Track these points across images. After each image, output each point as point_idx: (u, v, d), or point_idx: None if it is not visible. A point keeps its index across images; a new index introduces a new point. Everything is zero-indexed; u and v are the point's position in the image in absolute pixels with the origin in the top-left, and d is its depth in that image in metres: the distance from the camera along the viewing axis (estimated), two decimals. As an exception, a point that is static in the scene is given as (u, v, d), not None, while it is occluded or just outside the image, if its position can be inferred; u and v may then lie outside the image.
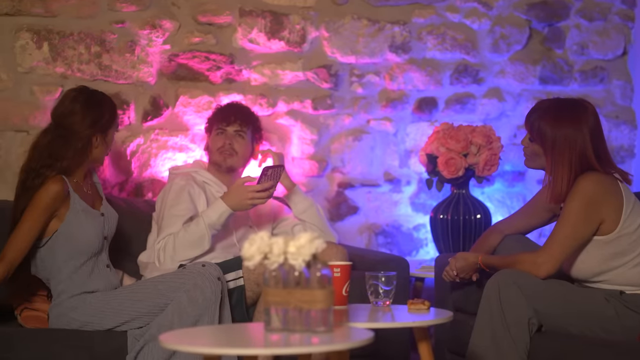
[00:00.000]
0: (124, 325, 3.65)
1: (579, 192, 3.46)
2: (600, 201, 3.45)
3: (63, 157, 3.69)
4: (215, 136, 4.18)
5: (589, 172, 3.49)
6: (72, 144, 3.70)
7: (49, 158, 3.68)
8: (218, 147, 4.15)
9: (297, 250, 2.56)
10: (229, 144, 4.13)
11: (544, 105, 3.63)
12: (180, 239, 3.86)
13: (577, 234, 3.46)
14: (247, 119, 4.19)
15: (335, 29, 4.74)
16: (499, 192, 4.96)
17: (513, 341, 3.39)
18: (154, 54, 4.48)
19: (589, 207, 3.44)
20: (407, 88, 4.86)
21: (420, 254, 4.90)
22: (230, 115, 4.17)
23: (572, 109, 3.56)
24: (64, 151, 3.69)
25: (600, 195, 3.46)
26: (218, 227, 3.90)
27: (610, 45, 5.11)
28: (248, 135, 4.18)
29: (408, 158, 4.88)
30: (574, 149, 3.49)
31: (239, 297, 3.79)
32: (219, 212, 3.88)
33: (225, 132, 4.16)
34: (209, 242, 3.89)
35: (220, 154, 4.14)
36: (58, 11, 4.34)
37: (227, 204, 3.89)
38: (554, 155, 3.52)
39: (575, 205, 3.45)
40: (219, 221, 3.88)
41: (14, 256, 3.59)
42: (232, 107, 4.26)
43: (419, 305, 3.26)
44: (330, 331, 2.58)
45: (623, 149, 5.12)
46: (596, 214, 3.45)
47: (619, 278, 3.49)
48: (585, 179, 3.48)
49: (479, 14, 4.93)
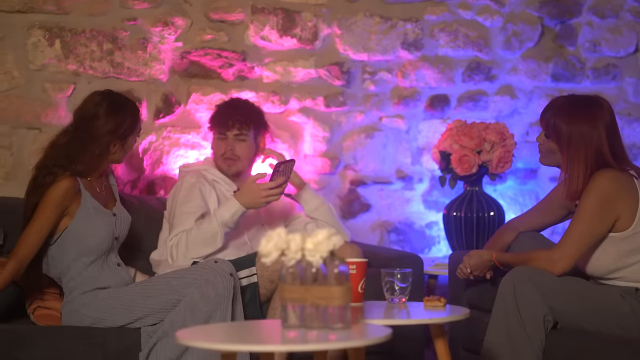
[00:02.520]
0: (137, 322, 3.64)
1: (595, 189, 3.45)
2: (615, 198, 3.44)
3: (79, 161, 3.67)
4: (217, 140, 4.12)
5: (604, 169, 3.48)
6: (90, 149, 3.69)
7: (64, 159, 3.67)
8: (220, 153, 4.10)
9: (314, 247, 2.55)
10: (230, 150, 4.08)
11: (559, 102, 3.62)
12: (193, 237, 3.85)
13: (592, 231, 3.45)
14: (246, 121, 4.10)
15: (347, 26, 4.73)
16: (511, 189, 4.95)
17: (528, 338, 3.39)
18: (166, 51, 4.48)
19: (604, 204, 3.43)
20: (420, 85, 4.85)
21: (433, 251, 4.89)
22: (228, 120, 4.09)
23: (588, 105, 3.55)
24: (81, 155, 3.68)
25: (616, 192, 3.44)
26: (231, 225, 3.89)
27: (622, 42, 5.10)
28: (250, 136, 4.11)
29: (420, 155, 4.87)
30: (589, 146, 3.48)
31: (253, 294, 3.79)
32: (232, 210, 3.87)
33: (225, 137, 4.10)
34: (222, 240, 3.88)
35: (224, 160, 4.10)
36: (70, 8, 4.33)
37: (240, 202, 3.87)
38: (570, 152, 3.51)
39: (590, 202, 3.44)
40: (232, 219, 3.87)
41: (25, 253, 3.59)
42: (230, 109, 4.15)
43: (435, 302, 3.25)
44: (347, 328, 2.57)
45: (635, 146, 5.11)
46: (612, 211, 3.44)
47: (635, 275, 3.48)
48: (600, 175, 3.46)
49: (491, 11, 4.92)
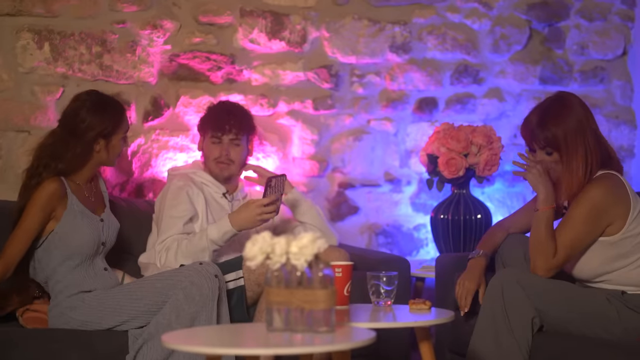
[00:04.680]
0: (124, 324, 3.65)
1: (588, 199, 3.44)
2: (608, 208, 3.44)
3: (61, 159, 3.69)
4: (210, 144, 4.11)
5: (600, 178, 3.47)
6: (72, 147, 3.70)
7: (48, 158, 3.69)
8: (215, 157, 4.09)
9: (299, 250, 2.56)
10: (225, 154, 4.09)
11: (534, 117, 3.59)
12: (183, 248, 3.85)
13: (582, 241, 3.46)
14: (242, 126, 4.11)
15: (335, 29, 4.74)
16: (499, 192, 4.96)
17: (516, 341, 3.38)
18: (154, 54, 4.49)
19: (597, 216, 3.43)
20: (408, 88, 4.86)
21: (421, 254, 4.90)
22: (225, 124, 4.08)
23: (558, 101, 3.57)
24: (63, 153, 3.69)
25: (610, 202, 3.44)
26: (221, 244, 3.86)
27: (610, 45, 5.12)
28: (243, 141, 4.12)
29: (408, 158, 4.88)
30: (585, 133, 3.48)
31: (240, 297, 3.79)
32: (223, 230, 3.84)
33: (220, 141, 4.09)
34: (210, 257, 3.85)
35: (217, 164, 4.09)
36: (59, 11, 4.34)
37: (233, 223, 3.84)
38: (569, 149, 3.49)
39: (583, 212, 3.44)
40: (221, 239, 3.84)
41: (11, 254, 3.61)
42: (226, 113, 4.14)
43: (420, 305, 3.27)
44: (332, 331, 2.58)
45: (623, 149, 5.13)
46: (604, 219, 3.44)
47: (621, 279, 3.49)
48: (596, 185, 3.46)
49: (480, 14, 4.93)
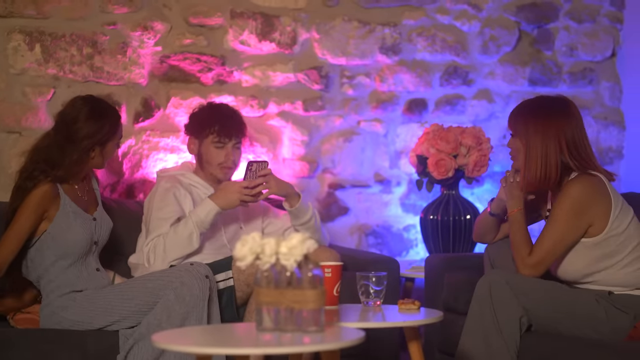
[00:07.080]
0: (115, 324, 3.66)
1: (568, 196, 3.45)
2: (589, 205, 3.44)
3: (59, 166, 3.68)
4: (213, 149, 4.07)
5: (578, 177, 3.49)
6: (68, 154, 3.70)
7: (45, 164, 3.68)
8: (219, 162, 4.07)
9: (288, 251, 2.58)
10: (231, 159, 4.08)
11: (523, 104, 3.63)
12: (170, 240, 3.87)
13: (565, 240, 3.46)
14: (244, 130, 4.13)
15: (325, 30, 4.76)
16: (488, 192, 4.98)
17: (504, 340, 3.39)
18: (145, 56, 4.50)
19: (578, 213, 3.44)
20: (397, 89, 4.88)
21: (411, 254, 4.92)
22: (232, 130, 4.07)
23: (549, 100, 3.59)
24: (61, 160, 3.69)
25: (590, 199, 3.44)
26: (206, 226, 3.90)
27: (599, 47, 5.14)
28: (241, 144, 4.15)
29: (398, 159, 4.90)
30: (549, 139, 3.47)
31: (229, 298, 3.80)
32: (207, 210, 3.88)
33: (225, 146, 4.08)
34: (198, 241, 3.89)
35: (222, 169, 4.08)
36: (50, 13, 4.35)
37: (215, 202, 3.89)
38: (529, 141, 3.50)
39: (564, 211, 3.45)
40: (206, 219, 3.88)
41: (3, 254, 3.61)
42: (229, 118, 4.12)
43: (409, 305, 3.28)
44: (321, 331, 2.60)
45: (612, 150, 5.15)
46: (585, 218, 3.45)
47: (608, 279, 3.49)
48: (573, 182, 3.47)
49: (469, 16, 4.95)
